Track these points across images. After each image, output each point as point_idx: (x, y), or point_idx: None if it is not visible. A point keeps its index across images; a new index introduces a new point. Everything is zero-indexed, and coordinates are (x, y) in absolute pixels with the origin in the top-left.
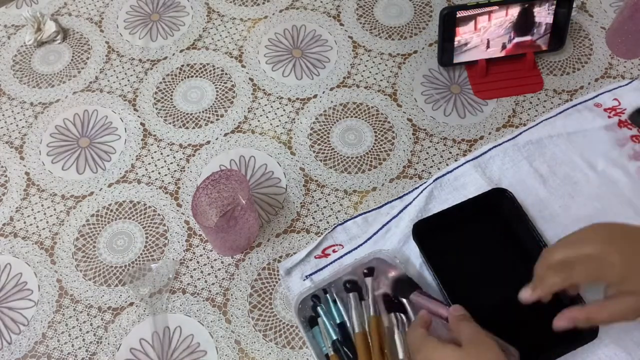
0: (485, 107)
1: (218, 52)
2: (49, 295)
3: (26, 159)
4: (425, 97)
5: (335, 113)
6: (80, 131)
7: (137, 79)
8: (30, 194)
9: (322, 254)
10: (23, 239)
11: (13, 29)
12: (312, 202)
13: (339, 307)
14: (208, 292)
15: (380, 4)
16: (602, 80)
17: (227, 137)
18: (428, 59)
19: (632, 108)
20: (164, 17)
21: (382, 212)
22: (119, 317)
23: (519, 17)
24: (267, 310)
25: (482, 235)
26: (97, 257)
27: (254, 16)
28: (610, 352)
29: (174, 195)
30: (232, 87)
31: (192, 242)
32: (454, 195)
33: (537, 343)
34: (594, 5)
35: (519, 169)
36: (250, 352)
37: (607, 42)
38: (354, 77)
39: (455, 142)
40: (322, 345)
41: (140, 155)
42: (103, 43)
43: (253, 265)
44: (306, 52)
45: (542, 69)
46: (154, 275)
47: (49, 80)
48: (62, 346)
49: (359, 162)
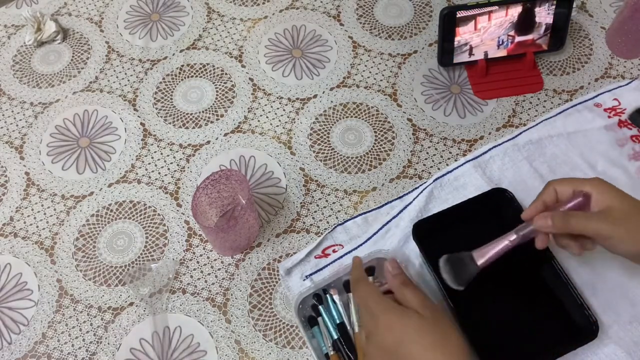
0: (485, 107)
1: (218, 52)
2: (49, 295)
3: (26, 159)
4: (425, 97)
5: (335, 113)
6: (80, 131)
7: (137, 79)
8: (30, 194)
9: (322, 254)
10: (23, 239)
11: (13, 29)
12: (312, 202)
13: (339, 307)
14: (208, 292)
15: (380, 4)
16: (602, 80)
17: (227, 137)
18: (428, 59)
19: (632, 108)
20: (164, 17)
21: (382, 212)
22: (119, 317)
23: (519, 17)
24: (267, 310)
25: (482, 235)
26: (97, 257)
27: (254, 16)
28: (610, 352)
29: (174, 195)
30: (232, 87)
31: (192, 242)
32: (454, 195)
33: (537, 343)
34: (594, 5)
35: (519, 169)
36: (250, 352)
37: (607, 42)
38: (354, 77)
39: (455, 142)
40: (322, 345)
41: (140, 155)
42: (103, 43)
43: (253, 265)
44: (306, 52)
45: (542, 69)
46: (154, 275)
47: (49, 80)
48: (62, 346)
49: (359, 162)
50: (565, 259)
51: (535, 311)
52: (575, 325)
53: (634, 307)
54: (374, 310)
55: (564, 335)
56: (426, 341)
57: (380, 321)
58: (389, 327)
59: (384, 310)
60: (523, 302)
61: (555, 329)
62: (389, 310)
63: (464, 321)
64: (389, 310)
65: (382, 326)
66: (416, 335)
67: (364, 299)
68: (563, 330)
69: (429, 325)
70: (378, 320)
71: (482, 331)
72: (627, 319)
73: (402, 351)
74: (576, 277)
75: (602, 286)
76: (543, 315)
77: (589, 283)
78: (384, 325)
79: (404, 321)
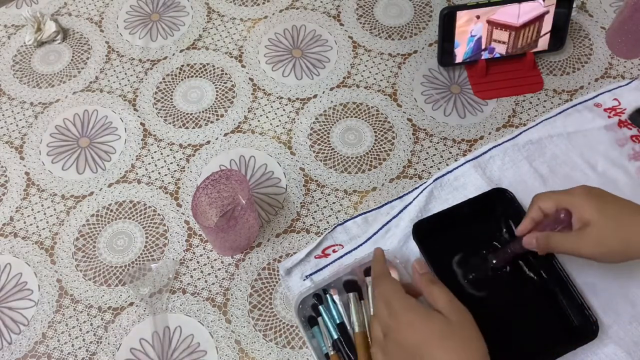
0: (485, 107)
1: (218, 52)
2: (49, 295)
3: (26, 159)
4: (425, 97)
5: (335, 113)
6: (80, 131)
7: (137, 79)
8: (30, 194)
9: (322, 254)
10: (23, 239)
11: (13, 29)
12: (312, 202)
13: (339, 307)
14: (208, 292)
15: (380, 4)
16: (602, 80)
17: (227, 137)
18: (428, 59)
19: (632, 108)
20: (164, 17)
21: (382, 212)
22: (119, 317)
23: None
24: (267, 310)
25: (482, 235)
26: (97, 257)
27: (254, 16)
28: (610, 352)
29: (174, 195)
30: (232, 87)
31: (192, 242)
32: (454, 195)
33: (537, 343)
34: (594, 5)
35: (519, 169)
36: (250, 352)
37: (607, 42)
38: (354, 77)
39: (455, 142)
40: (322, 345)
41: (140, 155)
42: (103, 43)
43: (253, 265)
44: (306, 52)
45: (542, 69)
46: (154, 275)
47: (49, 80)
48: (62, 346)
49: (359, 162)
50: (566, 259)
51: (535, 311)
52: (575, 325)
53: (634, 307)
54: (396, 307)
55: (564, 335)
56: (448, 345)
57: (402, 319)
58: (411, 326)
59: (408, 309)
60: (523, 302)
61: (555, 329)
62: (413, 310)
63: None
64: (412, 309)
65: (404, 324)
66: (438, 338)
67: (386, 295)
68: (563, 330)
69: (452, 328)
70: (400, 318)
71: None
72: (627, 319)
73: (422, 352)
74: (576, 277)
75: (602, 286)
76: (543, 315)
77: (589, 283)
78: (406, 324)
79: (428, 322)
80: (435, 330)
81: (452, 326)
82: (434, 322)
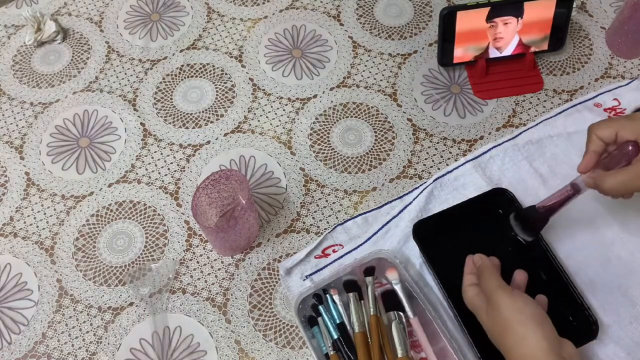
0: (485, 107)
1: (218, 52)
2: (49, 295)
3: (26, 159)
4: (425, 97)
5: (335, 113)
6: (80, 131)
7: (137, 79)
8: (30, 194)
9: (322, 254)
10: (23, 239)
11: (13, 29)
12: (312, 202)
13: (339, 307)
14: (208, 292)
15: (380, 4)
16: (602, 80)
17: (227, 137)
18: (428, 59)
19: (632, 108)
20: (164, 17)
21: (382, 212)
22: (119, 317)
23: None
24: (267, 310)
25: (482, 235)
26: (97, 257)
27: (254, 16)
28: (610, 352)
29: (174, 195)
30: (232, 87)
31: (192, 242)
32: (454, 195)
33: None
34: (594, 5)
35: (519, 169)
36: (250, 352)
37: (607, 42)
38: (354, 77)
39: (455, 142)
40: (322, 345)
41: (140, 155)
42: (103, 43)
43: (253, 265)
44: (306, 52)
45: (542, 69)
46: (154, 275)
47: (49, 80)
48: (62, 346)
49: (359, 162)
50: (566, 259)
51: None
52: (575, 325)
53: (634, 307)
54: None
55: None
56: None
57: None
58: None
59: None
60: None
61: (555, 329)
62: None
63: (464, 321)
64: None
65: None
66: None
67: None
68: (563, 330)
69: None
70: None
71: (483, 331)
72: (627, 319)
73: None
74: (576, 277)
75: (602, 286)
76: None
77: (589, 283)
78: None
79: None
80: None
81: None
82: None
